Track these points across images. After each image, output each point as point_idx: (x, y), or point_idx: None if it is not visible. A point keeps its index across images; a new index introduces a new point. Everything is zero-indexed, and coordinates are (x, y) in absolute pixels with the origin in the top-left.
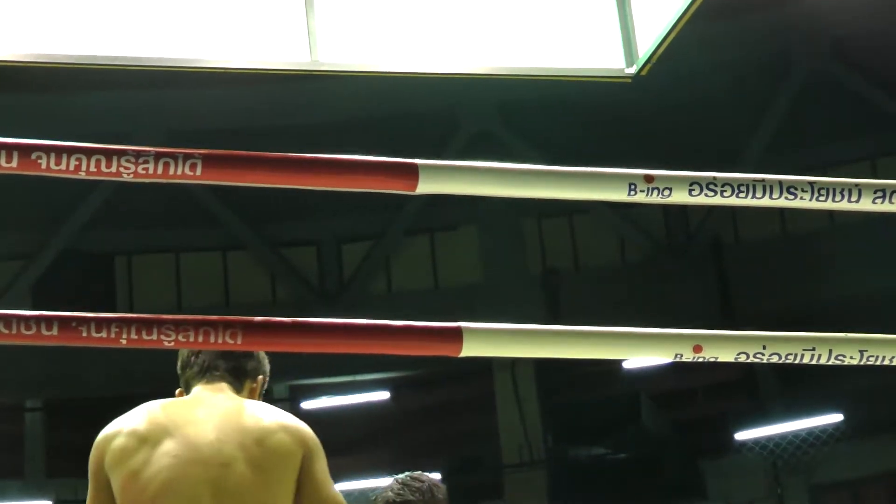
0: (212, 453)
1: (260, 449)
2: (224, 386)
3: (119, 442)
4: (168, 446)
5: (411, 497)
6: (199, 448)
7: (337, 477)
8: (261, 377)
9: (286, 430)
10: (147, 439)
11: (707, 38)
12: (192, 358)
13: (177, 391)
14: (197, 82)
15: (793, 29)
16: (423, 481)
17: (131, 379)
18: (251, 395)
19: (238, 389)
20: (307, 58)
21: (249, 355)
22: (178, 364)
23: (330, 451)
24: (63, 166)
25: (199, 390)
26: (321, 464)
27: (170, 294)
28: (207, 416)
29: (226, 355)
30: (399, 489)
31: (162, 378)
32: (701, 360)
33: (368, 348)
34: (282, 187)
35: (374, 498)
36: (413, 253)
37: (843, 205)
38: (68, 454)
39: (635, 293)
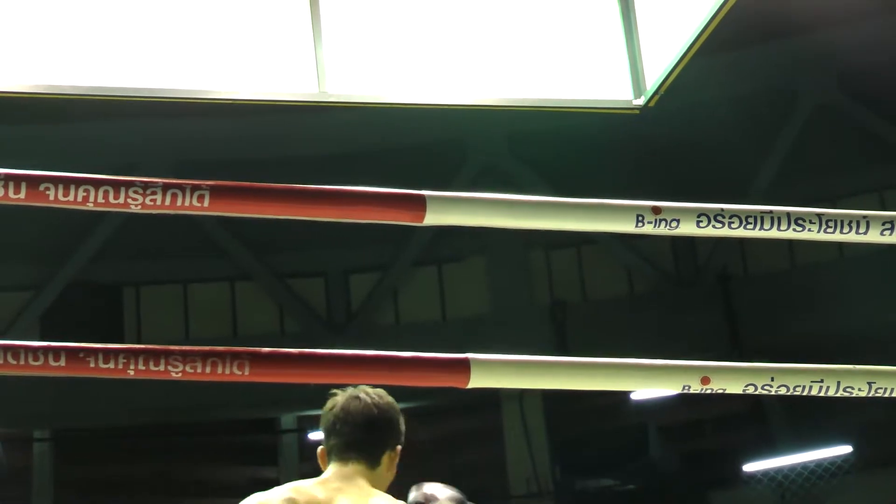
0: None
1: None
2: (359, 470)
3: None
4: None
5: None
6: None
7: None
8: (398, 447)
9: None
10: None
11: (715, 71)
12: (336, 425)
13: (319, 449)
14: (205, 113)
15: (800, 61)
16: (453, 497)
17: (139, 410)
18: (389, 465)
19: (375, 465)
20: (315, 89)
21: (392, 425)
22: (322, 424)
23: None
24: (71, 197)
25: (333, 475)
26: None
27: (178, 325)
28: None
29: (370, 429)
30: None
31: (167, 410)
32: (709, 391)
33: (376, 379)
34: (289, 218)
35: None
36: (421, 284)
37: (851, 236)
38: (76, 485)
39: (643, 325)
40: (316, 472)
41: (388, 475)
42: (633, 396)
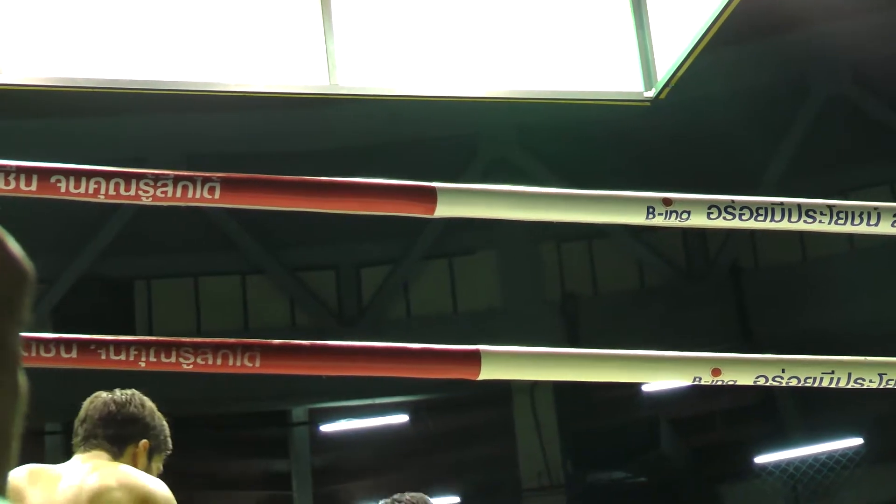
0: None
1: None
2: (100, 453)
3: None
4: None
5: None
6: None
7: (355, 500)
8: (143, 441)
9: (124, 488)
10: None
11: (726, 63)
12: (78, 426)
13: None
14: (216, 106)
15: (811, 54)
16: (415, 500)
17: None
18: (134, 460)
19: (118, 455)
20: (326, 81)
21: (133, 421)
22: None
23: (348, 474)
24: (82, 189)
25: (75, 458)
26: None
27: (189, 319)
28: (58, 485)
29: (107, 423)
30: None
31: (178, 403)
32: (720, 383)
33: (387, 371)
34: (300, 211)
35: None
36: (431, 277)
37: (862, 228)
38: None
39: (654, 318)
40: (327, 464)
41: (139, 468)
42: (645, 389)
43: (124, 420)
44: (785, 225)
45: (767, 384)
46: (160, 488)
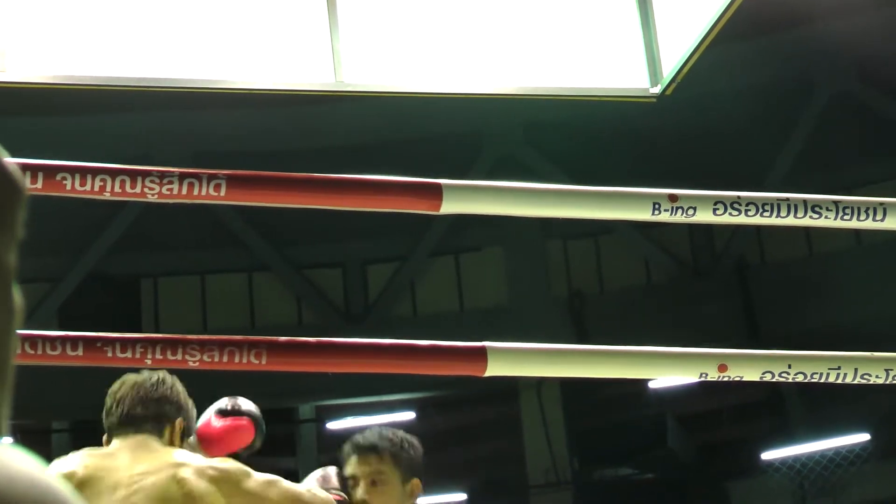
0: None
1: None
2: (142, 438)
3: None
4: None
5: (379, 443)
6: None
7: None
8: (179, 420)
9: (202, 477)
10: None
11: (731, 59)
12: (113, 406)
13: (104, 437)
14: (221, 103)
15: (816, 50)
16: (396, 433)
17: None
18: (171, 440)
19: (159, 435)
20: (332, 79)
21: (168, 401)
22: (104, 410)
23: None
24: (88, 187)
25: (117, 444)
26: (245, 483)
27: (195, 316)
28: (119, 479)
29: (145, 402)
30: (369, 434)
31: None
32: (726, 379)
33: (394, 368)
34: (306, 208)
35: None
36: (438, 274)
37: (868, 223)
38: None
39: (661, 314)
40: (334, 461)
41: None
42: (651, 386)
43: (160, 399)
44: (791, 221)
45: (774, 380)
46: (229, 464)
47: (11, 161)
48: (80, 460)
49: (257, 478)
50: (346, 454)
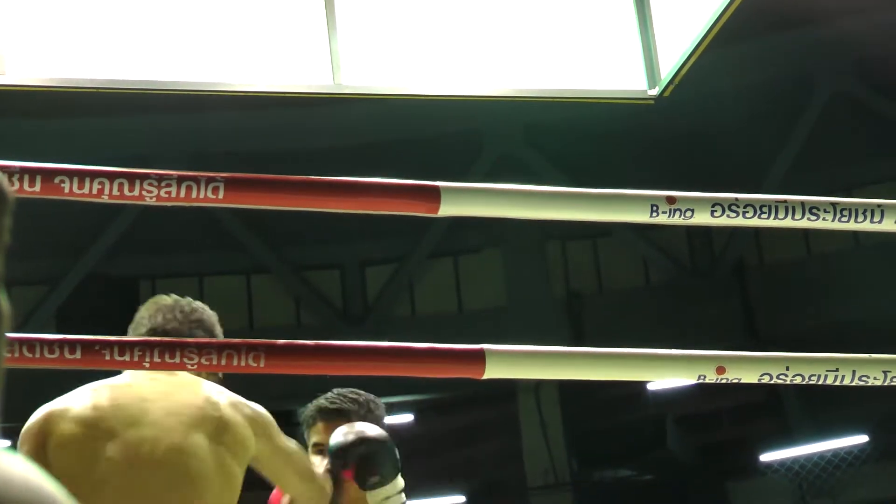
0: (163, 448)
1: (213, 438)
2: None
3: (66, 428)
4: (116, 440)
5: (346, 405)
6: (149, 440)
7: None
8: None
9: (238, 411)
10: (97, 428)
11: (730, 60)
12: (146, 320)
13: None
14: (219, 106)
15: (816, 50)
16: (359, 394)
17: None
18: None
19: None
20: (330, 81)
21: (201, 325)
22: (131, 325)
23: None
24: (86, 190)
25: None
26: (276, 437)
27: None
28: (159, 402)
29: (182, 323)
30: (334, 398)
31: None
32: (724, 381)
33: (392, 370)
34: (305, 210)
35: (304, 409)
36: (436, 276)
37: (866, 225)
38: None
39: (659, 316)
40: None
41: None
42: (650, 387)
43: (198, 322)
44: (789, 223)
45: (772, 382)
46: (259, 407)
47: None
48: (105, 386)
49: (287, 440)
50: (310, 420)
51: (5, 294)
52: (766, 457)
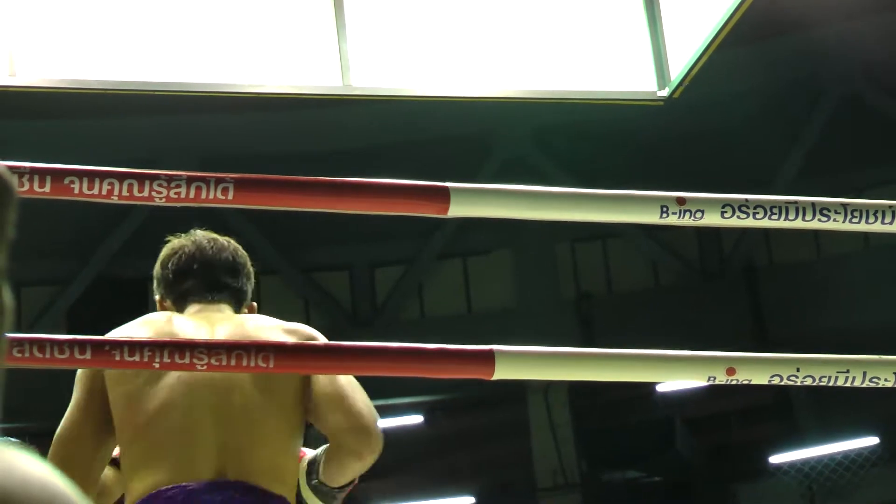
0: (217, 377)
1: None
2: (225, 307)
3: None
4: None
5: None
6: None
7: (370, 500)
8: (253, 304)
9: (288, 331)
10: None
11: (739, 62)
12: (191, 266)
13: (157, 297)
14: (228, 107)
15: (823, 52)
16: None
17: None
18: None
19: (237, 312)
20: (339, 82)
21: (249, 276)
22: (168, 269)
23: (363, 475)
24: (95, 191)
25: (200, 309)
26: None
27: None
28: (214, 327)
29: (232, 272)
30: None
31: None
32: (734, 382)
33: (401, 371)
34: (314, 211)
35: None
36: (446, 277)
37: (877, 226)
38: None
39: (668, 317)
40: None
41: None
42: (659, 389)
43: (245, 272)
44: (799, 224)
45: (782, 383)
46: (314, 332)
47: (2, 164)
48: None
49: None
50: None
51: (8, 288)
52: (776, 458)
